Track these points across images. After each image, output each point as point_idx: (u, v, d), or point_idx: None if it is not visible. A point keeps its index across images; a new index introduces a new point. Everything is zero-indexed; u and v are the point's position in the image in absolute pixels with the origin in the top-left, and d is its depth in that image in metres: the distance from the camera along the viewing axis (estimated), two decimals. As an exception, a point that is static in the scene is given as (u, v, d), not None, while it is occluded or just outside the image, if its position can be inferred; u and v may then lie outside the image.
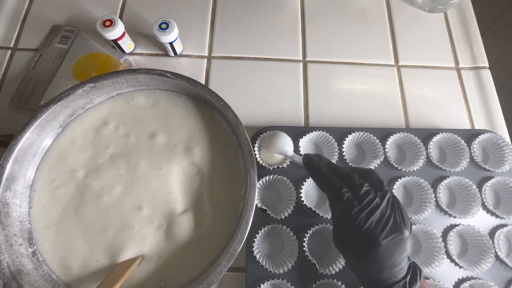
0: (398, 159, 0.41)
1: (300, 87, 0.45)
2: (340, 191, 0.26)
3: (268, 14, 0.49)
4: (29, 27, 0.46)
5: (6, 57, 0.44)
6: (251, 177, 0.31)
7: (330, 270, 0.34)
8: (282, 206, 0.37)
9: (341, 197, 0.26)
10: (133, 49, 0.45)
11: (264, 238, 0.37)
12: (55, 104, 0.33)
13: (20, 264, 0.30)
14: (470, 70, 0.48)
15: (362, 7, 0.51)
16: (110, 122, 0.36)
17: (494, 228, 0.37)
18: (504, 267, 0.36)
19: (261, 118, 0.43)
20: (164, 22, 0.40)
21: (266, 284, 0.33)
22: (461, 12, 0.51)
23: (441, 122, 0.44)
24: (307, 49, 0.48)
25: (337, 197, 0.26)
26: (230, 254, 0.29)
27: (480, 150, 0.42)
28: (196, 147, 0.36)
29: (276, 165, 0.38)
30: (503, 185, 0.39)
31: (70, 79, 0.41)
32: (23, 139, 0.31)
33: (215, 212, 0.34)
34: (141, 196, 0.34)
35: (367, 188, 0.26)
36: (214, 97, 0.34)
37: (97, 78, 0.34)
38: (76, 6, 0.48)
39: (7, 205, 0.31)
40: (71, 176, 0.34)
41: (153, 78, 0.36)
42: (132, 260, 0.32)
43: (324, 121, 0.43)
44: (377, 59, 0.47)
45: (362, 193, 0.26)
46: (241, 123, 0.33)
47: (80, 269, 0.32)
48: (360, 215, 0.25)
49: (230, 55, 0.46)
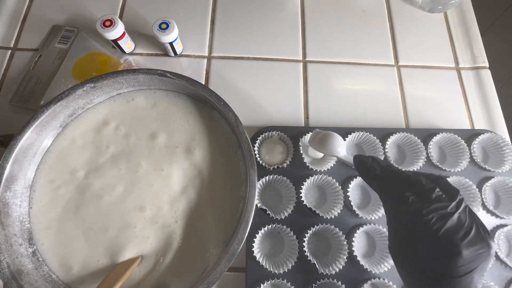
0: (398, 159, 0.41)
1: (300, 87, 0.45)
2: (403, 193, 0.23)
3: (268, 14, 0.49)
4: (29, 27, 0.46)
5: (6, 57, 0.44)
6: (251, 177, 0.31)
7: (330, 270, 0.34)
8: (282, 206, 0.37)
9: (405, 199, 0.23)
10: (133, 49, 0.45)
11: (264, 238, 0.37)
12: (55, 104, 0.33)
13: (20, 264, 0.30)
14: (470, 70, 0.48)
15: (362, 7, 0.51)
16: (111, 122, 0.36)
17: (494, 228, 0.37)
18: (504, 267, 0.36)
19: (261, 118, 0.43)
20: (164, 22, 0.40)
21: (266, 284, 0.33)
22: (461, 12, 0.51)
23: (441, 122, 0.44)
24: (307, 49, 0.48)
25: (401, 199, 0.23)
26: (230, 254, 0.29)
27: (480, 150, 0.42)
28: (197, 148, 0.36)
29: (276, 165, 0.38)
30: (503, 185, 0.39)
31: (70, 79, 0.41)
32: (23, 139, 0.31)
33: (215, 212, 0.34)
34: (144, 196, 0.34)
35: (439, 193, 0.23)
36: (214, 97, 0.34)
37: (97, 78, 0.34)
38: (76, 6, 0.48)
39: (7, 205, 0.31)
40: (71, 176, 0.34)
41: (153, 78, 0.36)
42: (132, 260, 0.32)
43: (324, 121, 0.43)
44: (377, 59, 0.47)
45: (433, 197, 0.22)
46: (241, 123, 0.33)
47: (80, 269, 0.32)
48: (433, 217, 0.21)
49: (230, 55, 0.46)
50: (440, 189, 0.23)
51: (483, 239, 0.21)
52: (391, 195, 0.25)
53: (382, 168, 0.27)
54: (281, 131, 0.39)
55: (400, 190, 0.24)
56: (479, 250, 0.21)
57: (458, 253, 0.20)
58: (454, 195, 0.23)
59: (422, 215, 0.22)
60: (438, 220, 0.21)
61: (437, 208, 0.22)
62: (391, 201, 0.25)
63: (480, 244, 0.21)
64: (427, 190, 0.23)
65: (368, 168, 0.27)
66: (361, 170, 0.28)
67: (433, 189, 0.23)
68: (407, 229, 0.23)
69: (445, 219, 0.21)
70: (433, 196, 0.22)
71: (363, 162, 0.28)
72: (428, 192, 0.23)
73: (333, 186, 0.37)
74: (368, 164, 0.27)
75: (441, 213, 0.22)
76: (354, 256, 0.35)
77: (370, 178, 0.27)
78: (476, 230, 0.21)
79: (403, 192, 0.23)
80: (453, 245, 0.21)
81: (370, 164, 0.27)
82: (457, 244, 0.20)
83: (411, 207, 0.23)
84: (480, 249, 0.21)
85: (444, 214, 0.21)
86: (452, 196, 0.23)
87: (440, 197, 0.22)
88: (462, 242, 0.20)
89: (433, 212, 0.22)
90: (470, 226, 0.21)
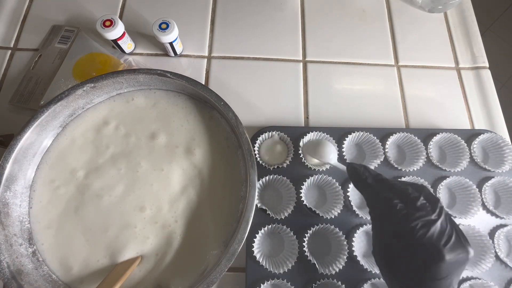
0: (398, 159, 0.41)
1: (300, 87, 0.45)
2: (391, 202, 0.25)
3: (268, 14, 0.49)
4: (29, 27, 0.46)
5: (6, 57, 0.44)
6: (251, 177, 0.32)
7: (330, 270, 0.34)
8: (282, 206, 0.37)
9: (394, 206, 0.25)
10: (133, 49, 0.45)
11: (264, 238, 0.37)
12: (55, 104, 0.33)
13: (20, 264, 0.30)
14: (470, 70, 0.48)
15: (362, 7, 0.51)
16: (111, 122, 0.36)
17: (494, 228, 0.37)
18: (504, 267, 0.36)
19: (261, 118, 0.43)
20: (164, 22, 0.40)
21: (266, 284, 0.33)
22: (461, 12, 0.51)
23: (441, 122, 0.44)
24: (307, 49, 0.48)
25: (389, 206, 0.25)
26: (230, 254, 0.29)
27: (480, 150, 0.42)
28: (197, 148, 0.36)
29: (276, 165, 0.38)
30: (503, 185, 0.39)
31: (70, 79, 0.41)
32: (23, 139, 0.31)
33: (215, 212, 0.34)
34: (144, 196, 0.34)
35: (423, 201, 0.25)
36: (214, 97, 0.34)
37: (97, 78, 0.34)
38: (76, 6, 0.48)
39: (7, 205, 0.31)
40: (71, 176, 0.34)
41: (153, 78, 0.36)
42: (132, 260, 0.32)
43: (324, 121, 0.43)
44: (377, 59, 0.47)
45: (418, 205, 0.24)
46: (241, 123, 0.33)
47: (80, 269, 0.32)
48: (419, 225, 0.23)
49: (230, 55, 0.46)
50: (424, 198, 0.25)
51: (462, 245, 0.23)
52: (380, 202, 0.27)
53: (373, 177, 0.28)
54: (281, 131, 0.39)
55: (389, 198, 0.26)
56: (459, 255, 0.22)
57: (441, 258, 0.22)
58: (436, 203, 0.25)
59: (409, 221, 0.24)
60: (423, 226, 0.23)
61: (422, 216, 0.24)
62: (380, 208, 0.27)
63: (460, 249, 0.23)
64: (412, 198, 0.25)
65: (360, 176, 0.29)
66: (353, 178, 0.30)
67: (418, 197, 0.25)
68: (394, 234, 0.25)
69: (429, 226, 0.23)
70: (418, 203, 0.24)
71: (356, 170, 0.29)
72: (413, 200, 0.25)
73: (333, 186, 0.37)
74: (361, 173, 0.29)
75: (426, 220, 0.23)
76: (354, 256, 0.35)
77: (361, 187, 0.29)
78: (456, 237, 0.23)
79: (392, 199, 0.25)
80: (436, 250, 0.22)
81: (362, 172, 0.29)
82: (440, 250, 0.22)
83: (399, 213, 0.24)
84: (460, 254, 0.23)
85: (428, 221, 0.23)
86: (434, 204, 0.25)
87: (424, 205, 0.24)
88: (444, 248, 0.22)
89: (418, 219, 0.23)
90: (451, 232, 0.23)
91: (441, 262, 0.22)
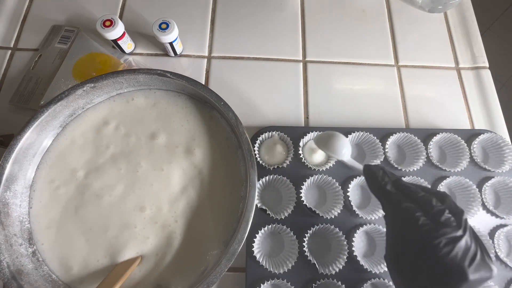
0: (398, 159, 0.41)
1: (300, 87, 0.45)
2: (413, 214, 0.23)
3: (268, 14, 0.49)
4: (29, 27, 0.46)
5: (6, 57, 0.44)
6: (251, 177, 0.32)
7: (330, 270, 0.34)
8: (282, 206, 0.37)
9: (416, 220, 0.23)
10: (133, 49, 0.45)
11: (264, 238, 0.37)
12: (55, 104, 0.33)
13: (20, 264, 0.30)
14: (470, 70, 0.48)
15: (362, 7, 0.51)
16: (110, 122, 0.36)
17: (494, 228, 0.37)
18: (504, 267, 0.36)
19: (261, 118, 0.43)
20: (164, 22, 0.40)
21: (266, 284, 0.33)
22: (461, 12, 0.51)
23: (441, 122, 0.44)
24: (307, 49, 0.48)
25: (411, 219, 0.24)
26: (230, 254, 0.29)
27: (480, 150, 0.42)
28: (197, 148, 0.36)
29: (276, 165, 0.38)
30: (503, 185, 0.39)
31: (70, 79, 0.41)
32: (23, 139, 0.31)
33: (215, 212, 0.34)
34: (144, 196, 0.34)
35: (448, 215, 0.23)
36: (214, 97, 0.34)
37: (97, 78, 0.34)
38: (76, 6, 0.48)
39: (7, 205, 0.31)
40: (71, 176, 0.34)
41: (153, 78, 0.36)
42: (132, 260, 0.32)
43: (324, 121, 0.43)
44: (377, 59, 0.47)
45: (443, 220, 0.23)
46: (241, 123, 0.33)
47: (80, 269, 0.32)
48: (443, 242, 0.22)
49: (230, 55, 0.46)
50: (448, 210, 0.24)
51: (487, 264, 0.22)
52: (401, 213, 0.25)
53: (392, 183, 0.26)
54: (281, 131, 0.39)
55: (411, 210, 0.24)
56: (483, 275, 0.22)
57: (465, 279, 0.21)
58: (460, 216, 0.23)
59: (432, 237, 0.22)
60: (447, 244, 0.22)
61: (447, 233, 0.22)
62: (400, 219, 0.25)
63: (484, 269, 0.22)
64: (437, 212, 0.23)
65: (379, 180, 0.27)
66: (370, 181, 0.28)
67: (443, 211, 0.23)
68: (412, 245, 0.24)
69: (454, 244, 0.22)
70: (442, 219, 0.23)
71: (374, 173, 0.27)
72: (438, 214, 0.23)
73: (333, 186, 0.37)
74: (379, 177, 0.27)
75: (450, 237, 0.22)
76: (354, 256, 0.35)
77: (380, 193, 0.27)
78: (480, 255, 0.22)
79: (414, 211, 0.24)
80: (460, 271, 0.21)
81: (381, 177, 0.27)
82: (465, 271, 0.21)
83: (422, 228, 0.23)
84: (484, 274, 0.22)
85: (453, 238, 0.22)
86: (458, 217, 0.23)
87: (449, 220, 0.23)
88: (469, 268, 0.21)
89: (442, 236, 0.22)
90: (475, 251, 0.22)
91: (464, 283, 0.21)
